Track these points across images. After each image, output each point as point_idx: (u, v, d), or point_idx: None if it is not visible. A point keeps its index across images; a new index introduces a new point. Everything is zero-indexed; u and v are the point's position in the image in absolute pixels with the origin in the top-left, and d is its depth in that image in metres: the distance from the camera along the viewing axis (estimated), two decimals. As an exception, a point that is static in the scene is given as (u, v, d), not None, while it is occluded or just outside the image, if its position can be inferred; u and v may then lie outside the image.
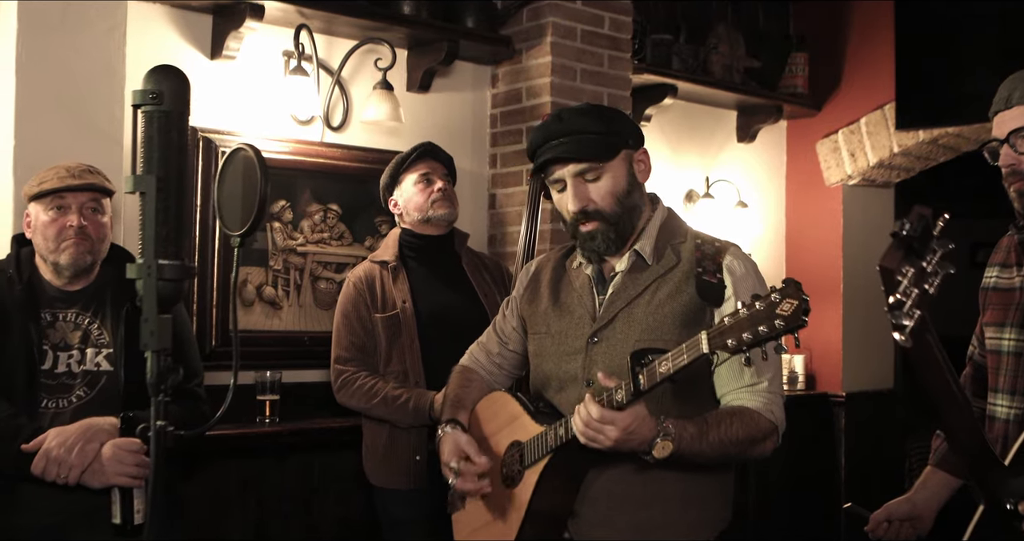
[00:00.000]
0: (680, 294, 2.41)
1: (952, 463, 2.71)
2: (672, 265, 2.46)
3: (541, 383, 2.60)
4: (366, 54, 4.33)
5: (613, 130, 2.44)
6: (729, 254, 2.45)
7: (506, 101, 4.69)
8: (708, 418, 2.30)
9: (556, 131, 2.43)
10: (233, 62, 4.00)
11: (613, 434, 2.17)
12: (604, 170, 2.42)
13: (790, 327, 1.94)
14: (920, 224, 1.72)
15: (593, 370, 2.40)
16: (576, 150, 2.40)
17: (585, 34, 4.59)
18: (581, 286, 2.56)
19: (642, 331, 2.41)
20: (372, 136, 4.36)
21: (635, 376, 2.15)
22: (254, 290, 4.06)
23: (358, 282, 3.66)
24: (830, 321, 5.86)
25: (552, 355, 2.55)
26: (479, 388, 2.77)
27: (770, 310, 1.96)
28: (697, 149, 5.69)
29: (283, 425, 3.90)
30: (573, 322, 2.53)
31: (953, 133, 5.45)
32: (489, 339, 2.82)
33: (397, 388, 3.54)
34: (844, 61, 5.89)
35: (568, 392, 2.49)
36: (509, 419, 2.58)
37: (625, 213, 2.45)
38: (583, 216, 2.44)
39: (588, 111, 2.47)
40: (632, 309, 2.44)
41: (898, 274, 1.68)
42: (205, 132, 3.90)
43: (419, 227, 3.74)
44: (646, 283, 2.45)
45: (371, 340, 3.62)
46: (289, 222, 4.14)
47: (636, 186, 2.48)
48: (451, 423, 2.63)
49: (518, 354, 2.76)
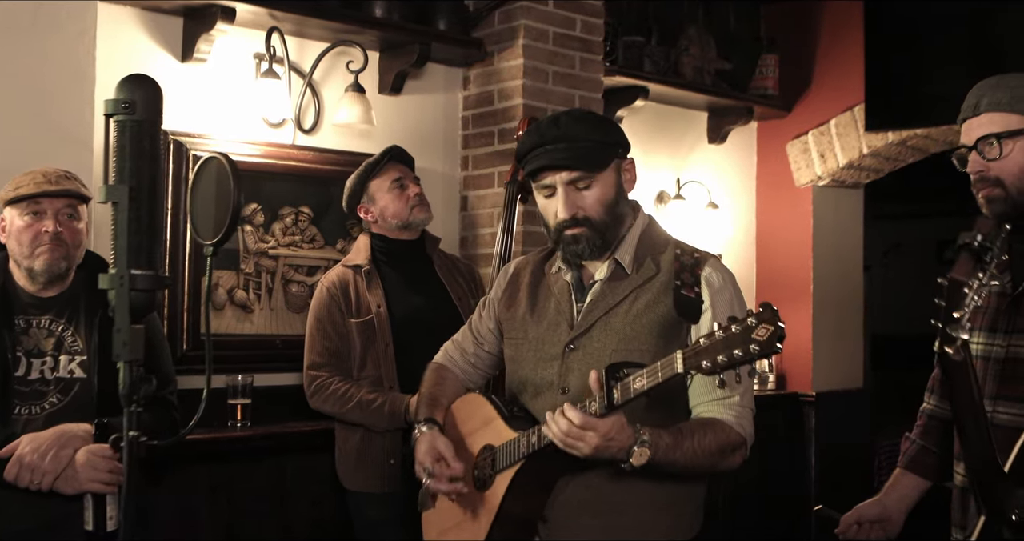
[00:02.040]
0: (658, 305, 2.41)
1: (921, 465, 2.73)
2: (651, 275, 2.45)
3: (517, 388, 2.60)
4: (338, 56, 4.31)
5: (608, 140, 2.44)
6: (708, 266, 2.45)
7: (478, 103, 4.68)
8: (683, 428, 2.32)
9: (552, 136, 2.40)
10: (204, 65, 3.97)
11: (593, 441, 2.17)
12: (596, 179, 2.41)
13: (764, 353, 1.97)
14: (992, 235, 1.73)
15: (569, 377, 2.42)
16: (572, 158, 2.39)
17: (557, 36, 4.59)
18: (560, 292, 2.56)
19: (619, 341, 2.41)
20: (344, 139, 4.34)
21: (609, 390, 2.16)
22: (225, 293, 4.04)
23: (332, 287, 3.65)
24: (800, 321, 5.87)
25: (529, 361, 2.55)
26: (454, 386, 2.77)
27: (746, 334, 1.98)
28: (668, 150, 5.69)
29: (255, 429, 3.88)
30: (550, 329, 2.53)
31: (922, 134, 5.48)
32: (464, 338, 2.82)
33: (371, 392, 3.54)
34: (814, 63, 5.90)
35: (544, 398, 2.49)
36: (483, 422, 2.58)
37: (612, 222, 2.44)
38: (571, 223, 2.43)
39: (584, 117, 2.46)
40: (610, 318, 2.44)
41: (967, 287, 1.67)
42: (176, 135, 3.88)
43: (394, 233, 3.73)
44: (625, 293, 2.45)
45: (345, 345, 3.61)
46: (260, 225, 4.12)
47: (623, 195, 2.48)
48: (428, 422, 2.62)
49: (493, 355, 2.76)
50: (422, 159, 4.35)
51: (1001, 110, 2.35)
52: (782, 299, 5.83)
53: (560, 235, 2.45)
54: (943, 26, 5.27)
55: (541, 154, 2.41)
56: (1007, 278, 2.37)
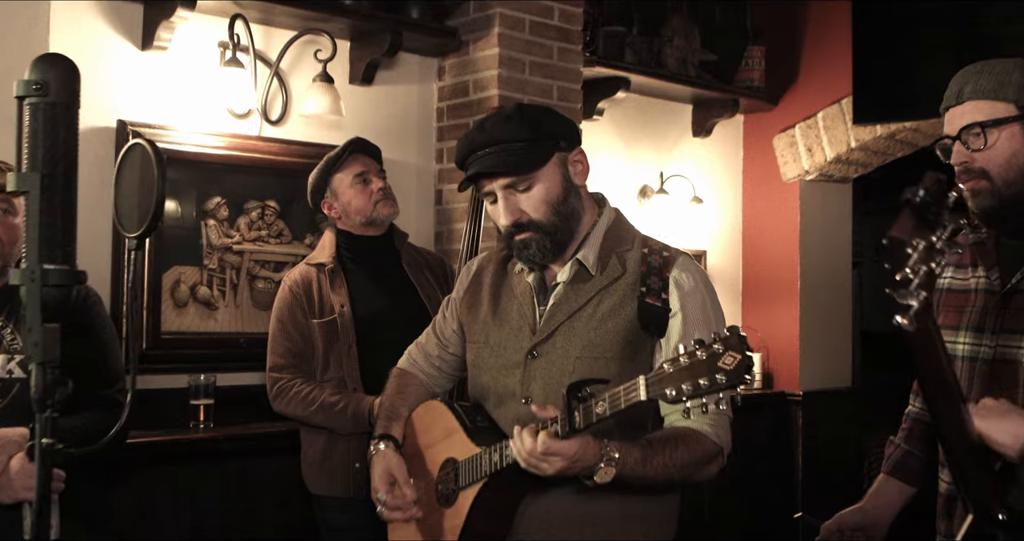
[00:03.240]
0: (624, 308, 2.30)
1: (906, 471, 2.64)
2: (617, 276, 2.34)
3: (479, 395, 2.49)
4: (306, 45, 4.21)
5: (541, 135, 2.31)
6: (677, 266, 2.33)
7: (453, 94, 4.58)
8: (653, 441, 2.21)
9: (479, 142, 2.30)
10: (165, 53, 3.87)
11: (558, 464, 2.08)
12: (535, 179, 2.29)
13: (730, 383, 1.86)
14: (935, 190, 1.57)
15: (532, 386, 2.32)
16: (501, 163, 2.28)
17: (534, 25, 4.49)
18: (522, 294, 2.45)
19: (583, 347, 2.30)
20: (312, 130, 4.25)
21: (571, 413, 2.07)
22: (188, 290, 3.93)
23: (294, 286, 3.55)
24: (787, 319, 5.83)
25: (490, 368, 2.44)
26: (416, 393, 2.66)
27: (711, 362, 1.88)
28: (651, 144, 5.62)
29: (218, 430, 3.80)
30: (512, 334, 2.42)
31: (911, 128, 5.43)
32: (428, 340, 2.71)
33: (334, 394, 3.45)
34: (801, 55, 5.86)
35: (507, 408, 2.39)
36: (445, 433, 2.47)
37: (562, 221, 2.32)
38: (516, 228, 2.32)
39: (511, 116, 2.33)
40: (573, 323, 2.33)
41: (908, 246, 1.53)
42: (135, 126, 3.77)
43: (358, 229, 3.63)
44: (589, 295, 2.34)
45: (308, 346, 3.52)
46: (225, 219, 4.01)
47: (572, 190, 2.35)
48: (385, 439, 2.52)
49: (459, 357, 2.64)
50: (395, 151, 4.33)
51: (986, 98, 2.22)
52: (768, 296, 5.83)
53: (510, 241, 2.35)
54: (933, 17, 5.22)
55: (474, 162, 2.31)
56: (995, 276, 2.28)
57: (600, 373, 2.20)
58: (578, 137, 2.40)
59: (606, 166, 5.30)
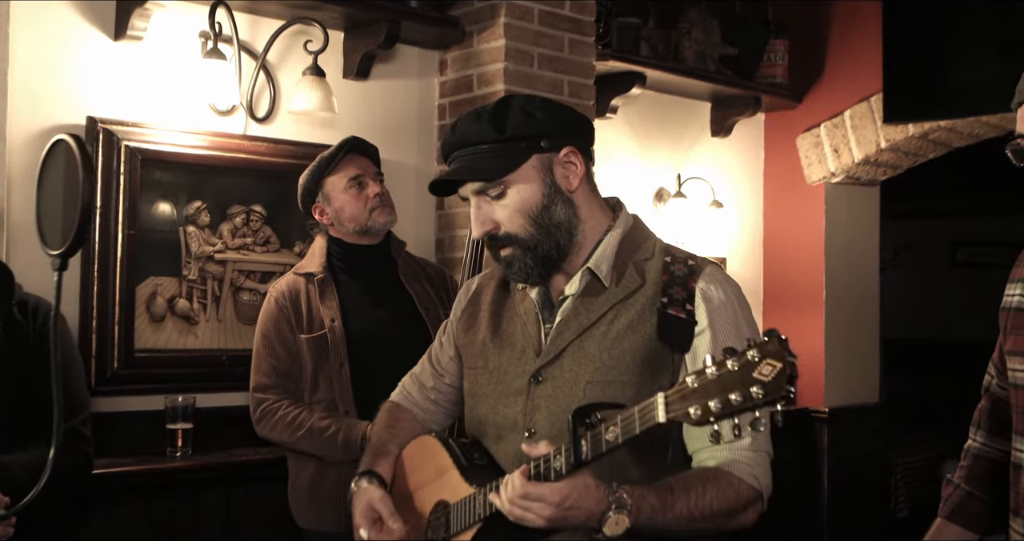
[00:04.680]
0: (643, 325, 2.01)
1: (966, 515, 2.44)
2: (635, 288, 2.05)
3: (476, 429, 2.20)
4: (295, 36, 3.97)
5: (515, 135, 2.03)
6: (704, 277, 2.05)
7: (455, 90, 4.34)
8: (674, 485, 1.90)
9: (450, 143, 2.09)
10: (139, 44, 3.62)
11: (545, 512, 1.79)
12: (507, 185, 2.03)
13: (769, 398, 1.56)
14: None
15: (536, 416, 2.04)
16: (466, 168, 2.04)
17: (543, 15, 4.25)
18: (525, 312, 2.16)
19: (595, 370, 2.01)
20: (302, 128, 4.01)
21: (576, 441, 1.78)
22: (165, 303, 3.67)
23: (280, 298, 3.33)
24: (811, 331, 5.62)
25: (488, 396, 2.15)
26: (409, 430, 2.38)
27: (746, 373, 1.58)
28: (668, 144, 5.42)
29: (197, 458, 3.57)
30: (514, 357, 2.13)
31: (945, 127, 5.23)
32: (423, 371, 2.43)
33: (324, 418, 3.23)
34: (827, 49, 5.67)
35: (508, 442, 2.09)
36: (436, 473, 2.19)
37: (542, 233, 2.04)
38: (492, 242, 2.07)
39: (481, 114, 2.07)
40: (584, 342, 2.04)
41: None
42: (107, 124, 3.52)
43: (352, 237, 3.41)
44: (602, 310, 2.05)
45: (295, 365, 3.31)
46: (206, 226, 3.76)
47: (558, 197, 2.06)
48: (367, 476, 2.25)
49: (457, 389, 2.35)
50: (394, 152, 4.14)
51: None
52: (792, 307, 5.68)
53: (497, 257, 2.10)
54: (968, 8, 5.06)
55: (450, 165, 2.09)
56: None
57: (615, 399, 1.93)
58: (574, 134, 2.11)
59: (620, 168, 5.10)
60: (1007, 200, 8.92)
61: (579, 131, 2.12)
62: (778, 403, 1.56)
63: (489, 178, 2.02)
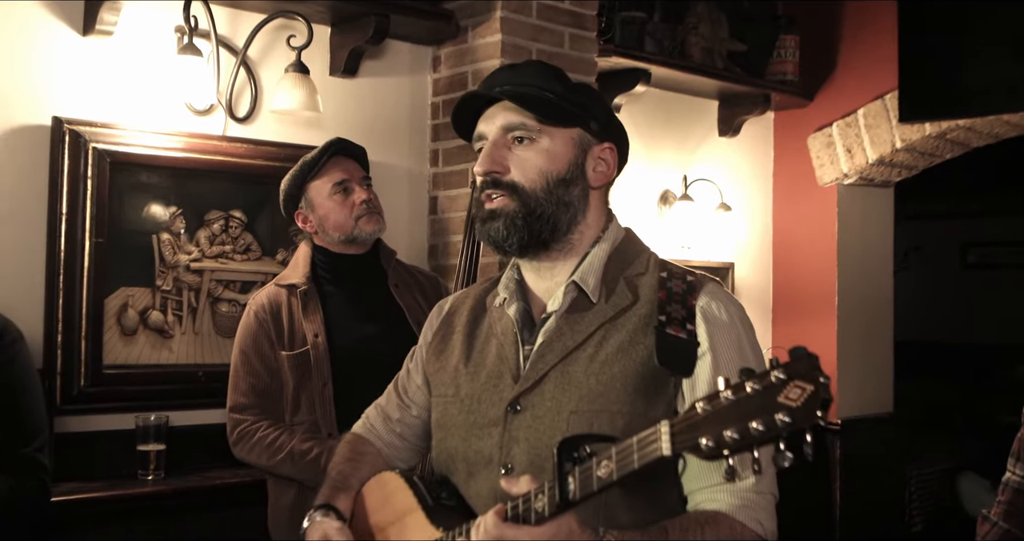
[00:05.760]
0: (636, 347, 1.81)
1: None
2: (626, 305, 1.85)
3: (445, 465, 1.99)
4: (278, 30, 3.82)
5: (575, 100, 1.91)
6: (705, 294, 1.85)
7: (449, 87, 4.19)
8: (669, 528, 1.71)
9: (502, 78, 1.92)
10: (109, 39, 3.46)
11: None
12: (541, 136, 1.88)
13: (797, 425, 1.33)
14: None
15: (513, 450, 1.83)
16: (520, 94, 1.87)
17: (542, 9, 4.10)
18: (503, 332, 1.95)
19: (581, 398, 1.80)
20: (285, 129, 3.87)
21: (563, 479, 1.57)
22: (137, 316, 3.49)
23: (260, 311, 3.19)
24: (822, 339, 5.49)
25: (459, 427, 1.94)
26: (371, 465, 2.16)
27: (769, 397, 1.35)
28: (673, 144, 5.32)
29: (170, 482, 3.41)
30: (489, 383, 1.92)
31: (964, 126, 5.09)
32: (388, 401, 2.21)
33: (305, 441, 3.10)
34: (839, 45, 5.57)
35: (481, 480, 1.88)
36: (399, 513, 1.98)
37: (548, 203, 1.88)
38: (491, 185, 1.88)
39: (551, 71, 1.95)
40: (568, 366, 1.83)
41: None
42: (73, 124, 3.35)
43: (337, 246, 3.27)
44: (589, 330, 1.85)
45: (275, 383, 3.18)
46: (181, 232, 3.60)
47: (579, 181, 1.91)
48: (323, 509, 2.04)
49: (425, 422, 2.14)
50: (384, 153, 4.03)
51: None
52: (802, 314, 5.57)
53: (479, 207, 1.92)
54: (988, 1, 4.92)
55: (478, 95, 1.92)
56: None
57: (603, 430, 1.74)
58: (615, 135, 1.98)
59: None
60: (1017, 200, 8.89)
61: (623, 138, 2.00)
62: (807, 433, 1.34)
63: (539, 113, 1.86)
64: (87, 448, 3.32)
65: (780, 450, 1.35)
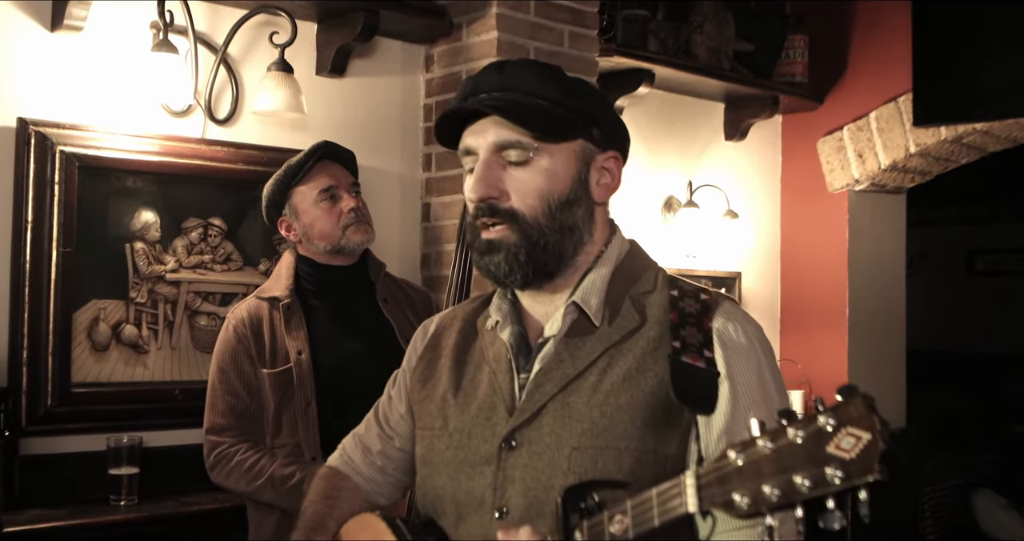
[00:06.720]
0: (645, 374, 1.64)
1: None
2: (633, 327, 1.68)
3: (431, 506, 1.82)
4: (260, 27, 3.70)
5: (576, 106, 1.71)
6: (721, 314, 1.69)
7: (443, 88, 4.09)
8: None
9: (488, 83, 1.73)
10: (79, 35, 3.33)
11: None
12: (540, 154, 1.68)
13: (853, 481, 1.14)
14: None
15: (508, 492, 1.66)
16: (508, 108, 1.67)
17: (540, 6, 3.99)
18: (496, 358, 1.78)
19: (583, 433, 1.63)
20: (268, 131, 3.76)
21: (568, 532, 1.43)
22: (109, 330, 3.35)
23: (240, 326, 3.07)
24: (833, 351, 5.45)
25: (447, 464, 1.77)
26: (349, 502, 1.98)
27: (816, 446, 1.17)
28: (678, 148, 5.24)
29: (143, 508, 3.25)
30: (481, 415, 1.75)
31: (981, 130, 5.01)
32: (368, 431, 2.03)
33: (287, 465, 2.97)
34: (850, 45, 5.51)
35: (471, 524, 1.71)
36: None
37: (551, 231, 1.69)
38: (487, 213, 1.68)
39: (544, 70, 1.74)
40: (569, 397, 1.66)
41: None
42: (39, 126, 3.21)
43: (323, 257, 3.15)
44: (592, 356, 1.67)
45: (255, 403, 3.07)
46: (157, 242, 3.46)
47: (584, 199, 1.73)
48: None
49: (409, 454, 1.96)
50: (374, 157, 3.93)
51: None
52: (812, 325, 5.51)
53: (475, 237, 1.73)
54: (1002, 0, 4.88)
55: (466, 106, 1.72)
56: None
57: (610, 471, 1.59)
58: (621, 141, 1.81)
59: (625, 174, 4.68)
60: None
61: (625, 143, 1.82)
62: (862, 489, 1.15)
63: (537, 130, 1.67)
64: (54, 472, 3.18)
65: (828, 509, 1.16)
